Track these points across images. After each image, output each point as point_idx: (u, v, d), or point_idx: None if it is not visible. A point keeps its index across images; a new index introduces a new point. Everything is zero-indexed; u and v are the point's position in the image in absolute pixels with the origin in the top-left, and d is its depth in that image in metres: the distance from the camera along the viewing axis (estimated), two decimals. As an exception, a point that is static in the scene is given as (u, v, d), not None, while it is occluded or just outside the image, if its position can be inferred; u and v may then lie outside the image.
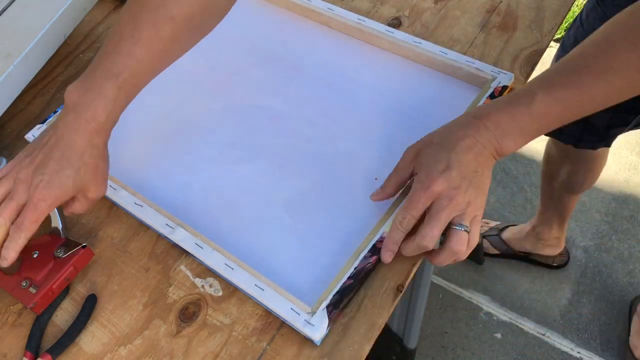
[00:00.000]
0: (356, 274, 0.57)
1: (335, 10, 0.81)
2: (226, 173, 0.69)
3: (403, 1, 0.86)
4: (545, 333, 1.44)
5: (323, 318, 0.55)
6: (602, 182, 1.68)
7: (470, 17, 0.83)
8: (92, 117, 0.56)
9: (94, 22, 0.91)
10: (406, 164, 0.59)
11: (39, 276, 0.59)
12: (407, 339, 1.11)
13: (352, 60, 0.79)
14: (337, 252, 0.61)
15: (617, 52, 0.52)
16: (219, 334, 0.58)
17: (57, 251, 0.60)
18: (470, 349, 1.43)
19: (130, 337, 0.58)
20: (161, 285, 0.62)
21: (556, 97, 0.53)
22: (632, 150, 1.74)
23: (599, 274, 1.52)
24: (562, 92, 0.53)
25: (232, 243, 0.63)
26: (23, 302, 0.58)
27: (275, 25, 0.84)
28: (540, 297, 1.50)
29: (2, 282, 0.60)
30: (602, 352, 1.40)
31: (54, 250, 0.60)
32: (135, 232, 0.66)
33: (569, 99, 0.53)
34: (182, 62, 0.82)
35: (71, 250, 0.60)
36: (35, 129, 0.73)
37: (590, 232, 1.59)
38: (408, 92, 0.75)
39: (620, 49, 0.52)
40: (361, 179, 0.67)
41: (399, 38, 0.77)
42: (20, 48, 0.73)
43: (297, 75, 0.78)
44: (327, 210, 0.65)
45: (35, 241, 0.60)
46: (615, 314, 1.45)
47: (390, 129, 0.71)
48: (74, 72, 0.84)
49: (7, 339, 0.60)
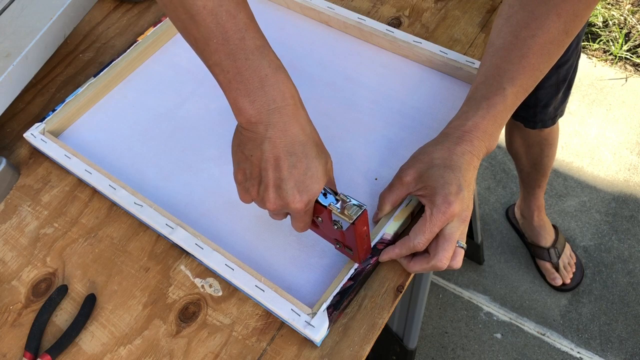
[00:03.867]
0: (356, 274, 0.57)
1: (336, 10, 0.81)
2: (226, 173, 0.69)
3: (403, 1, 0.86)
4: (545, 333, 1.44)
5: (323, 319, 0.55)
6: (602, 182, 1.68)
7: (470, 17, 0.83)
8: (291, 95, 0.51)
9: (94, 22, 0.90)
10: (404, 184, 0.59)
11: (342, 238, 0.56)
12: (407, 339, 1.10)
13: (352, 59, 0.79)
14: (338, 254, 0.61)
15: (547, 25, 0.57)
16: (219, 334, 0.58)
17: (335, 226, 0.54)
18: (470, 349, 1.43)
19: (130, 337, 0.58)
20: (161, 285, 0.62)
21: (520, 85, 0.59)
22: (632, 150, 1.74)
23: (599, 274, 1.52)
24: (523, 79, 0.59)
25: (232, 243, 0.63)
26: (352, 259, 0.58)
27: (275, 24, 0.84)
28: (540, 297, 1.50)
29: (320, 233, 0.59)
30: (602, 352, 1.40)
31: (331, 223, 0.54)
32: (135, 232, 0.66)
33: (527, 82, 0.59)
34: (182, 62, 0.82)
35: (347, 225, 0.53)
36: (34, 128, 0.73)
37: (590, 232, 1.59)
38: (408, 92, 0.75)
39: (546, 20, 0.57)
40: (361, 179, 0.67)
41: (399, 38, 0.77)
42: (20, 48, 0.73)
43: (297, 75, 0.78)
44: (327, 210, 0.65)
45: None
46: (615, 314, 1.45)
47: (390, 129, 0.71)
48: (74, 72, 0.84)
49: (6, 339, 0.60)
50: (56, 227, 0.67)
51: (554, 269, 1.48)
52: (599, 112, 1.84)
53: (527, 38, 0.58)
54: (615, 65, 1.95)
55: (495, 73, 0.60)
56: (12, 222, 0.68)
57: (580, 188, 1.68)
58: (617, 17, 2.05)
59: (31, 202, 0.70)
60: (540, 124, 1.16)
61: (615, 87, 1.90)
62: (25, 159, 0.74)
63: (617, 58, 1.96)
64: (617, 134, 1.78)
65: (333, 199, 0.53)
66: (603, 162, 1.72)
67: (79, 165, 0.69)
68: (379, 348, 1.19)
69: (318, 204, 0.53)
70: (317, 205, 0.54)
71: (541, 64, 0.59)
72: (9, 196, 0.71)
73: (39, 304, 0.61)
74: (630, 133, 1.78)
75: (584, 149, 1.76)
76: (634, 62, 1.95)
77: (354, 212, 0.52)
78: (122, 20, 0.90)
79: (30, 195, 0.70)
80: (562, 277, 1.48)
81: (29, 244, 0.66)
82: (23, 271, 0.64)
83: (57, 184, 0.71)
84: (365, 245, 0.56)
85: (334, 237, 0.57)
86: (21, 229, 0.68)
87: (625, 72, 1.94)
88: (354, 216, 0.52)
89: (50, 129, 0.73)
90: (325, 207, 0.53)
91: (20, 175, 0.73)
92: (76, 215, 0.68)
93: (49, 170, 0.72)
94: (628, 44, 1.97)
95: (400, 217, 0.61)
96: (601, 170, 1.71)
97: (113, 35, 0.88)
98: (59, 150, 0.70)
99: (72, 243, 0.66)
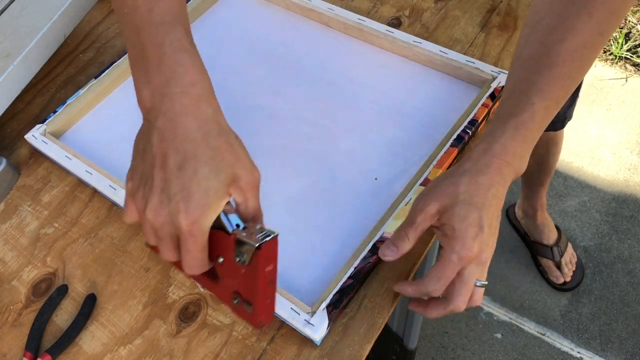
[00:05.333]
0: (356, 273, 0.57)
1: (336, 10, 0.81)
2: (226, 173, 0.69)
3: (403, 1, 0.86)
4: (545, 333, 1.44)
5: (323, 318, 0.55)
6: (602, 182, 1.68)
7: (470, 17, 0.83)
8: (190, 82, 0.44)
9: (93, 22, 0.91)
10: (426, 217, 0.53)
11: (242, 288, 0.46)
12: (407, 339, 1.11)
13: (352, 60, 0.79)
14: (337, 252, 0.61)
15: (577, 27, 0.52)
16: (219, 334, 0.58)
17: (237, 258, 0.44)
18: (470, 349, 1.43)
19: (130, 337, 0.58)
20: (161, 285, 0.62)
21: (551, 97, 0.53)
22: (632, 150, 1.74)
23: (599, 273, 1.52)
24: (554, 91, 0.53)
25: (232, 243, 0.63)
26: (250, 324, 0.48)
27: (275, 25, 0.84)
28: (540, 297, 1.50)
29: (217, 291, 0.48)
30: (602, 352, 1.40)
31: (233, 255, 0.44)
32: (135, 232, 0.66)
33: (559, 94, 0.53)
34: (182, 62, 0.82)
35: (252, 252, 0.43)
36: (35, 129, 0.73)
37: (590, 232, 1.59)
38: (408, 92, 0.75)
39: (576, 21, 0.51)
40: (361, 179, 0.67)
41: (399, 38, 0.77)
42: (20, 48, 0.73)
43: (297, 75, 0.78)
44: (327, 210, 0.65)
45: None
46: (615, 314, 1.45)
47: (390, 129, 0.71)
48: (74, 72, 0.84)
49: (6, 339, 0.60)
50: (56, 227, 0.67)
51: (556, 267, 1.48)
52: (599, 112, 1.84)
53: (555, 44, 0.52)
54: (616, 65, 1.96)
55: (522, 87, 0.53)
56: (12, 222, 0.68)
57: (580, 188, 1.68)
58: (617, 17, 2.05)
59: (31, 202, 0.70)
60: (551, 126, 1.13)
61: (616, 87, 1.90)
62: (26, 159, 0.74)
63: (617, 58, 1.96)
64: (617, 134, 1.78)
65: (238, 219, 0.44)
66: (603, 162, 1.72)
67: (79, 166, 0.69)
68: (379, 348, 1.19)
69: (219, 230, 0.44)
70: (217, 234, 0.44)
71: (573, 72, 0.53)
72: (9, 196, 0.71)
73: (39, 304, 0.61)
74: (630, 133, 1.78)
75: (584, 148, 1.76)
76: (634, 62, 1.95)
77: (262, 235, 0.42)
78: (122, 21, 0.90)
79: (30, 195, 0.70)
80: (563, 276, 1.48)
81: (29, 244, 0.66)
82: (23, 271, 0.64)
83: (57, 184, 0.71)
84: (268, 297, 0.45)
85: (234, 290, 0.46)
86: (21, 229, 0.68)
87: (625, 72, 1.94)
88: (261, 239, 0.41)
89: (51, 130, 0.73)
90: (228, 233, 0.44)
91: (21, 175, 0.73)
92: (76, 215, 0.68)
93: (49, 170, 0.73)
94: (628, 43, 1.97)
95: (400, 216, 0.61)
96: (601, 170, 1.71)
97: (113, 35, 0.88)
98: (59, 151, 0.71)
99: (73, 243, 0.66)
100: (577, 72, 0.53)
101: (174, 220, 0.42)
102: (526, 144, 0.53)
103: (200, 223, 0.42)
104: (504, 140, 0.52)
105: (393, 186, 0.66)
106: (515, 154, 0.52)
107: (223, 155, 0.44)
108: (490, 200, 0.51)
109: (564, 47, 0.52)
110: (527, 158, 0.54)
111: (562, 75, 0.52)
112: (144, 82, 0.45)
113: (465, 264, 0.51)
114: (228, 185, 0.44)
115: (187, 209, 0.42)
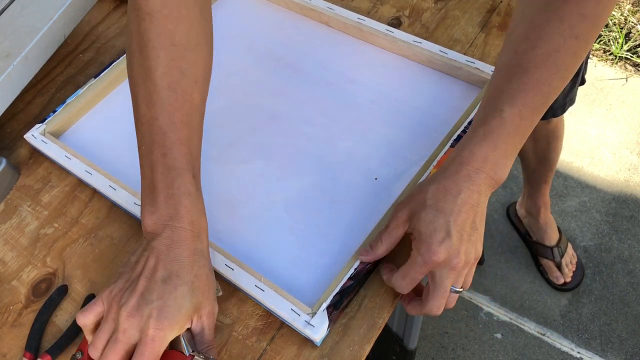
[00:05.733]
0: (356, 274, 0.57)
1: (335, 10, 0.81)
2: (226, 173, 0.69)
3: (403, 1, 0.86)
4: (545, 333, 1.44)
5: (323, 319, 0.55)
6: (602, 182, 1.68)
7: (470, 17, 0.83)
8: (189, 221, 0.52)
9: (94, 22, 0.91)
10: (399, 224, 0.55)
11: None
12: (407, 339, 1.10)
13: (352, 60, 0.79)
14: (337, 252, 0.61)
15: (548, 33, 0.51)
16: (219, 334, 0.58)
17: None
18: (470, 349, 1.43)
19: (130, 337, 0.58)
20: (161, 285, 0.61)
21: (523, 104, 0.52)
22: (632, 150, 1.74)
23: (599, 274, 1.52)
24: (526, 97, 0.52)
25: (232, 243, 0.63)
26: None
27: (275, 25, 0.84)
28: (540, 297, 1.50)
29: None
30: (603, 352, 1.40)
31: None
32: (135, 232, 0.66)
33: (534, 99, 0.53)
34: (182, 62, 0.82)
35: None
36: (35, 129, 0.73)
37: (590, 232, 1.59)
38: (408, 92, 0.75)
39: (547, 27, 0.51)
40: (361, 179, 0.67)
41: (398, 38, 0.77)
42: (20, 48, 0.73)
43: (297, 75, 0.78)
44: (327, 210, 0.65)
45: None
46: (615, 314, 1.45)
47: (390, 129, 0.71)
48: (74, 72, 0.84)
49: (6, 339, 0.60)
50: (56, 227, 0.67)
51: (556, 267, 1.48)
52: (599, 112, 1.84)
53: (527, 51, 0.52)
54: (616, 65, 1.96)
55: (494, 95, 0.54)
56: (12, 222, 0.68)
57: (580, 188, 1.68)
58: (617, 17, 2.05)
59: (31, 202, 0.70)
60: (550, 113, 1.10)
61: (616, 87, 1.90)
62: (25, 159, 0.74)
63: (617, 58, 1.96)
64: (617, 134, 1.78)
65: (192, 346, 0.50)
66: (603, 162, 1.72)
67: (79, 166, 0.69)
68: (379, 348, 1.19)
69: (173, 350, 0.49)
70: (171, 353, 0.49)
71: (549, 77, 0.52)
72: (9, 196, 0.71)
73: (39, 304, 0.61)
74: (630, 133, 1.78)
75: (584, 149, 1.76)
76: (634, 62, 1.95)
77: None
78: (122, 20, 0.90)
79: (30, 196, 0.70)
80: (563, 276, 1.48)
81: (29, 244, 0.66)
82: (23, 271, 0.64)
83: (57, 184, 0.71)
84: None
85: None
86: (21, 229, 0.68)
87: (625, 72, 1.94)
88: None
89: (51, 130, 0.73)
90: (184, 354, 0.49)
91: (20, 175, 0.73)
92: (76, 215, 0.68)
93: (49, 170, 0.73)
94: (628, 44, 1.97)
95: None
96: (601, 170, 1.71)
97: (113, 35, 0.88)
98: (59, 151, 0.71)
99: (72, 243, 0.66)
100: (554, 77, 0.52)
101: (142, 325, 0.48)
102: (498, 150, 0.53)
103: (165, 333, 0.49)
104: (472, 147, 0.53)
105: (393, 186, 0.66)
106: (487, 160, 0.52)
107: (200, 283, 0.52)
108: (460, 207, 0.52)
109: (535, 53, 0.52)
110: (505, 165, 0.53)
111: (536, 82, 0.52)
112: (150, 210, 0.53)
113: (432, 268, 0.52)
114: (195, 310, 0.51)
115: (159, 317, 0.48)
